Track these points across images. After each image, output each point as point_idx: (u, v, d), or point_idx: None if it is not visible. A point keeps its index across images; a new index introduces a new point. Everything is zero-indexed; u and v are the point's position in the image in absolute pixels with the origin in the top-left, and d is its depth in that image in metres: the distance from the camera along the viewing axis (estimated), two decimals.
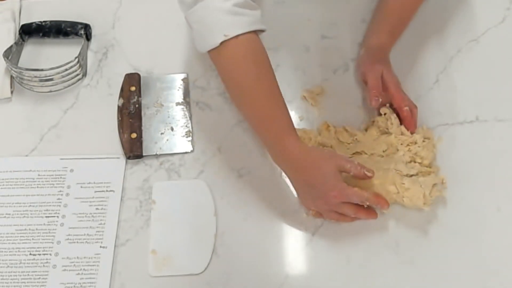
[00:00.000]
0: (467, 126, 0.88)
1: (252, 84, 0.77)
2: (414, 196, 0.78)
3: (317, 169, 0.76)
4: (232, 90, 0.81)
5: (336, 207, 0.77)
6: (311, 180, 0.77)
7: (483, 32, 0.98)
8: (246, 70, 0.77)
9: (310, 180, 0.77)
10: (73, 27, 0.98)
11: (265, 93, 0.78)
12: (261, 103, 0.78)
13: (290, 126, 0.78)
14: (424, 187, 0.78)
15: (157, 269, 0.77)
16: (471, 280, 0.76)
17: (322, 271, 0.78)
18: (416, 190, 0.78)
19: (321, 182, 0.76)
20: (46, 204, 0.83)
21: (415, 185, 0.78)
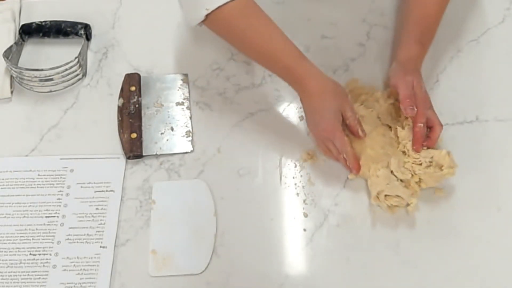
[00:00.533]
0: (467, 126, 0.88)
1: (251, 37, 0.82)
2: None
3: (322, 100, 0.81)
4: (235, 45, 0.87)
5: (324, 139, 0.83)
6: (315, 106, 0.82)
7: (483, 32, 0.98)
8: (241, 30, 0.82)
9: (314, 106, 0.82)
10: (73, 27, 0.98)
11: (266, 38, 0.82)
12: (267, 47, 0.82)
13: (300, 55, 0.82)
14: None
15: (157, 269, 0.77)
16: (471, 280, 0.76)
17: (322, 271, 0.78)
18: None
19: (321, 112, 0.81)
20: (46, 204, 0.83)
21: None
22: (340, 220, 0.81)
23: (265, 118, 0.90)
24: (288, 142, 0.88)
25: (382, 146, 0.84)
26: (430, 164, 0.80)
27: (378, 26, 0.99)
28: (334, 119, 0.80)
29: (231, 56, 0.97)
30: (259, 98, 0.92)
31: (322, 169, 0.85)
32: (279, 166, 0.86)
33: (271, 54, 0.83)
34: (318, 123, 0.82)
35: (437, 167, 0.80)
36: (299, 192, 0.83)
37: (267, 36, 0.82)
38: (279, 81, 0.94)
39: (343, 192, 0.83)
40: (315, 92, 0.81)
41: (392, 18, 1.00)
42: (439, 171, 0.80)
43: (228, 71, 0.95)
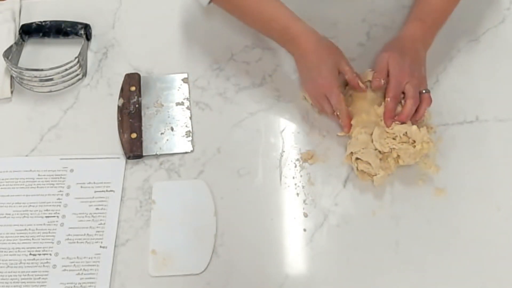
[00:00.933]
0: (467, 126, 0.88)
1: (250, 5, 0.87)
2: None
3: (319, 56, 0.84)
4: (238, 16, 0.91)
5: (319, 96, 0.84)
6: (310, 63, 0.84)
7: (483, 32, 0.98)
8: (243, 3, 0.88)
9: (310, 63, 0.84)
10: (73, 27, 0.98)
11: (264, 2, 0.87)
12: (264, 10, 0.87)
13: (295, 16, 0.86)
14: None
15: (157, 269, 0.77)
16: (471, 280, 0.76)
17: (322, 271, 0.78)
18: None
19: (318, 68, 0.83)
20: (46, 204, 0.83)
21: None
22: (340, 220, 0.81)
23: (265, 118, 0.90)
24: (288, 142, 0.88)
25: (377, 114, 0.84)
26: (406, 141, 0.81)
27: (378, 26, 0.99)
28: (331, 74, 0.83)
29: (231, 56, 0.97)
30: (259, 98, 0.92)
31: (322, 169, 0.85)
32: (279, 166, 0.86)
33: (268, 17, 0.86)
34: (315, 79, 0.84)
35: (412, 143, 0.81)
36: (299, 192, 0.83)
37: (264, 1, 0.87)
38: (279, 81, 0.94)
39: (343, 192, 0.83)
40: (311, 49, 0.84)
41: (392, 18, 1.00)
42: (413, 147, 0.81)
43: (228, 71, 0.95)
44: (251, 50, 0.98)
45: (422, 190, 0.83)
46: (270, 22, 0.87)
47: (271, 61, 0.97)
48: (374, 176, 0.81)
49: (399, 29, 0.97)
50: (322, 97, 0.84)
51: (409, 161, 0.82)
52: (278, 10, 0.87)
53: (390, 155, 0.82)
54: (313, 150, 0.87)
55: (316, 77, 0.84)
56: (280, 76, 0.95)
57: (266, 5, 0.87)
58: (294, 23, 0.85)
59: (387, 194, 0.83)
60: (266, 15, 0.87)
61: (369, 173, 0.82)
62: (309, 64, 0.85)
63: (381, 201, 0.82)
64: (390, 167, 0.82)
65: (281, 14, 0.86)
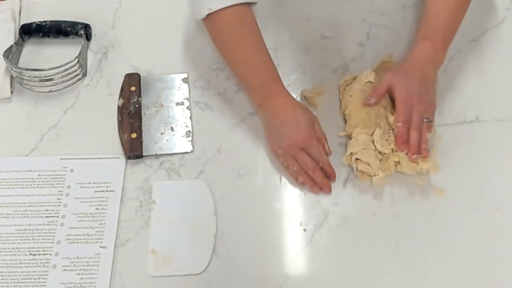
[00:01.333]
0: (467, 126, 0.88)
1: (238, 45, 0.86)
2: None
3: (296, 112, 0.83)
4: (221, 51, 0.89)
5: (297, 152, 0.82)
6: (287, 119, 0.83)
7: (483, 32, 0.98)
8: (232, 36, 0.86)
9: (286, 119, 0.83)
10: (73, 27, 0.98)
11: (251, 50, 0.85)
12: (248, 58, 0.86)
13: (275, 75, 0.85)
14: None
15: (157, 269, 0.77)
16: (471, 280, 0.76)
17: (322, 271, 0.78)
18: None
19: (296, 122, 0.82)
20: (46, 204, 0.83)
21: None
22: (340, 220, 0.81)
23: None
24: None
25: (377, 116, 0.84)
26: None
27: (378, 26, 0.99)
28: (309, 127, 0.82)
29: None
30: None
31: None
32: (279, 166, 0.86)
33: (253, 65, 0.86)
34: (292, 134, 0.82)
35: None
36: (299, 192, 0.83)
37: (255, 48, 0.85)
38: None
39: (343, 192, 0.83)
40: (288, 105, 0.83)
41: (392, 18, 1.00)
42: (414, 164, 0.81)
43: (228, 71, 0.95)
44: None
45: (422, 190, 0.83)
46: (254, 72, 0.85)
47: None
48: (374, 177, 0.81)
49: (399, 29, 0.97)
50: (299, 153, 0.82)
51: (407, 171, 0.82)
52: (266, 63, 0.85)
53: (391, 156, 0.82)
54: None
55: (295, 130, 0.82)
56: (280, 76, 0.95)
57: (255, 53, 0.86)
58: (276, 80, 0.85)
59: (387, 194, 0.83)
60: (252, 64, 0.86)
61: (368, 174, 0.82)
62: (285, 119, 0.82)
63: (381, 201, 0.82)
64: (389, 168, 0.82)
65: (268, 68, 0.85)
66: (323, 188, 0.82)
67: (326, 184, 0.82)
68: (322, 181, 0.82)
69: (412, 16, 1.01)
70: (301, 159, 0.82)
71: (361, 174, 0.83)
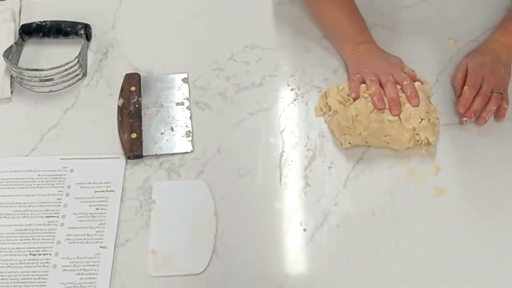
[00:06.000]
0: (467, 126, 0.88)
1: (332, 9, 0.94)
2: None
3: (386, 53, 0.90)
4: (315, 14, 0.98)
5: (383, 72, 0.86)
6: (379, 54, 0.90)
7: (483, 32, 0.98)
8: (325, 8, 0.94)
9: (378, 54, 0.90)
10: (73, 27, 0.98)
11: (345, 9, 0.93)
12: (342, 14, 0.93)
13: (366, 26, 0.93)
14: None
15: (157, 269, 0.77)
16: (471, 280, 0.76)
17: (322, 271, 0.78)
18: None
19: (386, 59, 0.89)
20: (46, 204, 0.83)
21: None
22: (340, 220, 0.81)
23: (265, 118, 0.90)
24: (288, 142, 0.88)
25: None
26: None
27: (378, 26, 0.99)
28: (399, 65, 0.88)
29: (231, 56, 0.97)
30: (259, 98, 0.92)
31: (322, 169, 0.85)
32: (279, 166, 0.86)
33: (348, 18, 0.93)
34: (383, 62, 0.87)
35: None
36: (299, 192, 0.83)
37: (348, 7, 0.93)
38: (279, 81, 0.94)
39: (343, 192, 0.83)
40: (380, 49, 0.91)
41: (392, 18, 1.00)
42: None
43: (228, 71, 0.95)
44: (251, 50, 0.98)
45: (422, 190, 0.83)
46: (347, 21, 0.93)
47: (271, 61, 0.97)
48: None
49: (399, 29, 0.97)
50: (386, 77, 0.85)
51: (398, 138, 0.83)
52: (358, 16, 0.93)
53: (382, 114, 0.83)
54: (313, 150, 0.87)
55: (383, 62, 0.88)
56: (280, 76, 0.95)
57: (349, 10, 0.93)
58: (367, 30, 0.93)
59: (387, 194, 0.83)
60: (345, 16, 0.93)
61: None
62: (378, 55, 0.90)
63: (381, 201, 0.82)
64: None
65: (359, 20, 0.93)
66: (392, 104, 0.83)
67: (397, 103, 0.83)
68: (394, 98, 0.83)
69: (412, 16, 1.01)
70: (384, 76, 0.85)
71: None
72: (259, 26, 1.01)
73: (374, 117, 0.83)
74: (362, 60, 0.90)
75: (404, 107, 0.83)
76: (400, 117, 0.83)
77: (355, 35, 0.92)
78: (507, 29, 0.93)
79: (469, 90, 0.86)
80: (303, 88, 0.93)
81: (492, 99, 0.86)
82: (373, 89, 0.84)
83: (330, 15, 0.94)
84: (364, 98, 0.84)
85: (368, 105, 0.83)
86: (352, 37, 0.92)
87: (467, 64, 0.90)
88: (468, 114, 0.86)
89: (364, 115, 0.83)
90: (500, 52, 0.90)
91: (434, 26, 0.99)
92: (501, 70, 0.88)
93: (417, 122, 0.83)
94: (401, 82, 0.84)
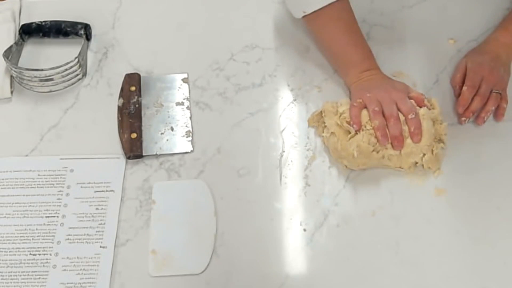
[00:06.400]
0: (467, 126, 0.88)
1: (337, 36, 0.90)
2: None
3: (392, 80, 0.87)
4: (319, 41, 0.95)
5: (388, 100, 0.82)
6: (384, 81, 0.87)
7: (483, 32, 0.98)
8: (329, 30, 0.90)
9: (383, 81, 0.87)
10: (73, 27, 0.98)
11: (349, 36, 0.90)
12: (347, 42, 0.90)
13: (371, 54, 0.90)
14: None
15: (157, 269, 0.77)
16: (471, 280, 0.76)
17: (322, 271, 0.78)
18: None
19: (391, 84, 0.86)
20: (46, 204, 0.83)
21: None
22: (340, 220, 0.81)
23: (265, 118, 0.90)
24: (288, 142, 0.88)
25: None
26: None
27: (378, 26, 0.99)
28: (405, 91, 0.84)
29: (231, 56, 0.97)
30: (259, 98, 0.92)
31: (322, 169, 0.85)
32: (279, 166, 0.86)
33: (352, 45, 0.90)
34: (389, 87, 0.84)
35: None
36: (299, 192, 0.83)
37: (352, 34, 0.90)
38: (279, 81, 0.94)
39: (343, 192, 0.83)
40: (386, 76, 0.88)
41: (392, 18, 1.00)
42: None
43: (228, 71, 0.95)
44: (251, 50, 0.98)
45: (422, 190, 0.83)
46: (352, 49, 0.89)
47: (271, 61, 0.97)
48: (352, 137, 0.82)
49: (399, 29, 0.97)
50: (388, 102, 0.82)
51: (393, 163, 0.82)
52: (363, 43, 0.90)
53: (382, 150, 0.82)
54: (313, 150, 0.87)
55: (391, 87, 0.84)
56: (280, 76, 0.95)
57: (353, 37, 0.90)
58: (373, 58, 0.90)
59: (387, 194, 0.83)
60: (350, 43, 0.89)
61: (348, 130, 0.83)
62: (383, 81, 0.87)
63: (381, 201, 0.82)
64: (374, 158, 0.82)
65: (364, 47, 0.90)
66: (395, 141, 0.80)
67: (400, 139, 0.80)
68: (397, 135, 0.80)
69: (412, 16, 1.01)
70: (388, 106, 0.82)
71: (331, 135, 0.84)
72: (259, 26, 1.01)
73: (375, 155, 0.82)
74: (365, 86, 0.86)
75: (406, 142, 0.81)
76: (401, 152, 0.81)
77: (360, 62, 0.89)
78: (507, 29, 0.93)
79: (468, 90, 0.86)
80: (303, 88, 0.93)
81: (491, 99, 0.86)
82: (376, 122, 0.80)
83: (334, 40, 0.90)
84: (367, 132, 0.81)
85: (370, 141, 0.81)
86: (357, 63, 0.89)
87: (466, 64, 0.90)
88: (466, 114, 0.86)
89: (366, 154, 0.81)
90: (499, 52, 0.90)
91: (434, 26, 0.99)
92: (500, 70, 0.88)
93: (419, 157, 0.82)
94: (405, 114, 0.81)
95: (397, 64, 0.94)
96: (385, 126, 0.81)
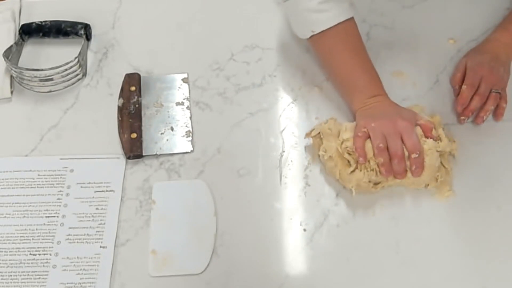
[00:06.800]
0: (466, 126, 0.88)
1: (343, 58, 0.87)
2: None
3: (399, 107, 0.84)
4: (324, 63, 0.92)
5: (393, 132, 0.79)
6: (391, 109, 0.83)
7: (483, 32, 0.98)
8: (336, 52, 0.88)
9: (390, 109, 0.83)
10: (73, 27, 0.98)
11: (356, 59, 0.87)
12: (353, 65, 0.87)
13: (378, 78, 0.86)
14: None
15: (157, 269, 0.77)
16: (471, 280, 0.76)
17: (322, 271, 0.77)
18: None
19: (398, 113, 0.82)
20: (46, 204, 0.83)
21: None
22: (340, 220, 0.81)
23: (265, 118, 0.90)
24: (288, 142, 0.88)
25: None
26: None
27: (378, 26, 0.99)
28: (412, 120, 0.81)
29: (231, 56, 0.97)
30: (259, 98, 0.93)
31: (322, 169, 0.85)
32: (279, 166, 0.86)
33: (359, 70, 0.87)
34: (395, 117, 0.80)
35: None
36: (299, 192, 0.83)
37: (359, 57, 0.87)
38: (279, 81, 0.94)
39: (343, 192, 0.83)
40: (393, 102, 0.85)
41: (392, 18, 1.00)
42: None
43: (228, 71, 0.95)
44: (251, 50, 0.98)
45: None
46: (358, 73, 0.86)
47: (271, 61, 0.97)
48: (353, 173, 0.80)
49: (399, 29, 0.97)
50: (393, 134, 0.78)
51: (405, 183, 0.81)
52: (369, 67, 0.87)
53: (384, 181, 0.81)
54: (313, 150, 0.87)
55: (396, 116, 0.80)
56: (280, 76, 0.95)
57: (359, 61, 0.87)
58: (379, 82, 0.86)
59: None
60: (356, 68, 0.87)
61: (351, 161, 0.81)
62: (390, 109, 0.83)
63: (381, 201, 0.82)
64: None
65: (371, 71, 0.86)
66: (398, 176, 0.79)
67: (404, 175, 0.79)
68: (400, 172, 0.79)
69: (412, 16, 1.01)
70: (393, 141, 0.78)
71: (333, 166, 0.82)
72: (259, 26, 1.01)
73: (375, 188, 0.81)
74: (371, 114, 0.83)
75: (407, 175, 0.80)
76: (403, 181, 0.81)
77: (366, 88, 0.85)
78: (507, 28, 0.93)
79: (467, 89, 0.86)
80: (303, 88, 0.93)
81: (491, 99, 0.86)
82: (381, 160, 0.78)
83: (340, 64, 0.87)
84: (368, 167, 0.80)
85: (371, 179, 0.80)
86: (363, 89, 0.85)
87: (466, 63, 0.90)
88: (466, 113, 0.86)
89: (367, 188, 0.81)
90: (499, 51, 0.90)
91: (434, 26, 0.99)
92: (499, 69, 0.88)
93: (422, 186, 0.82)
94: (409, 152, 0.78)
95: (397, 64, 0.94)
96: (389, 163, 0.78)
